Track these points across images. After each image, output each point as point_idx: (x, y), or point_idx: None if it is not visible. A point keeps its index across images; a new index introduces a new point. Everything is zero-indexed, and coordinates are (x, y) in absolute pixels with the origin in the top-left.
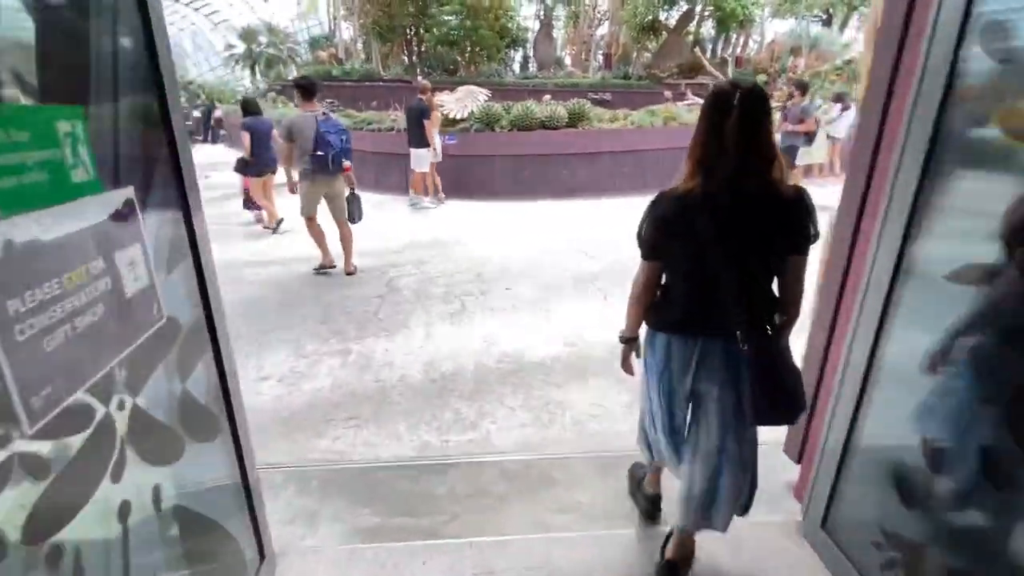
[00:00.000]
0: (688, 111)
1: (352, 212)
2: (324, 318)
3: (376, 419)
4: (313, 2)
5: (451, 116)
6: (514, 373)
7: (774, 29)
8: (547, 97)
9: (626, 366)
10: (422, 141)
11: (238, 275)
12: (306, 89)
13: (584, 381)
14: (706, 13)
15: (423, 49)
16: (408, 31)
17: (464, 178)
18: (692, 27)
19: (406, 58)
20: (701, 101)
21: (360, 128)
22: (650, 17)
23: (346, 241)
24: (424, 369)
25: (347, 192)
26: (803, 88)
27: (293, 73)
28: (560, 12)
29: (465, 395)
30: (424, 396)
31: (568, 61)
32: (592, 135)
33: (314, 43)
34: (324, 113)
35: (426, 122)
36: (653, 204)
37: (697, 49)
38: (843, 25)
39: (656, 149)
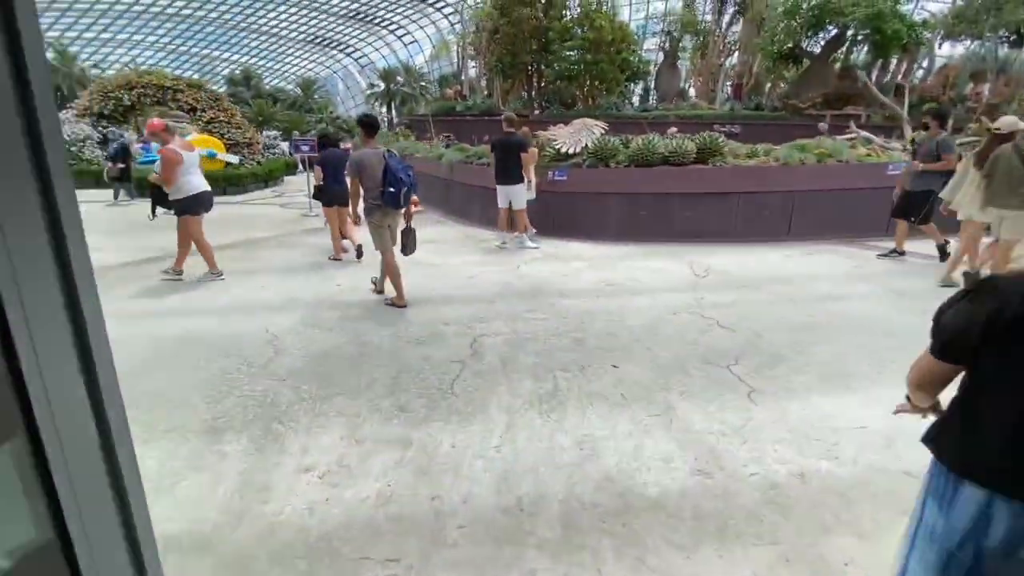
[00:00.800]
0: (850, 146)
1: (406, 245)
2: (393, 386)
3: (422, 569)
4: (446, 45)
5: (562, 150)
6: (618, 516)
7: (943, 52)
8: (672, 130)
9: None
10: (518, 177)
11: (315, 318)
12: (369, 126)
13: (725, 545)
14: (859, 37)
15: (543, 84)
16: (530, 68)
17: (573, 217)
18: (840, 53)
19: (525, 93)
20: (868, 135)
21: (470, 161)
22: (790, 44)
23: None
24: (497, 487)
25: (403, 225)
26: (941, 118)
27: (422, 109)
28: (687, 42)
29: (547, 546)
30: (491, 537)
31: (692, 92)
32: (725, 172)
33: (443, 81)
34: (388, 151)
35: (523, 155)
36: (984, 291)
37: (863, 74)
38: None
39: (807, 191)
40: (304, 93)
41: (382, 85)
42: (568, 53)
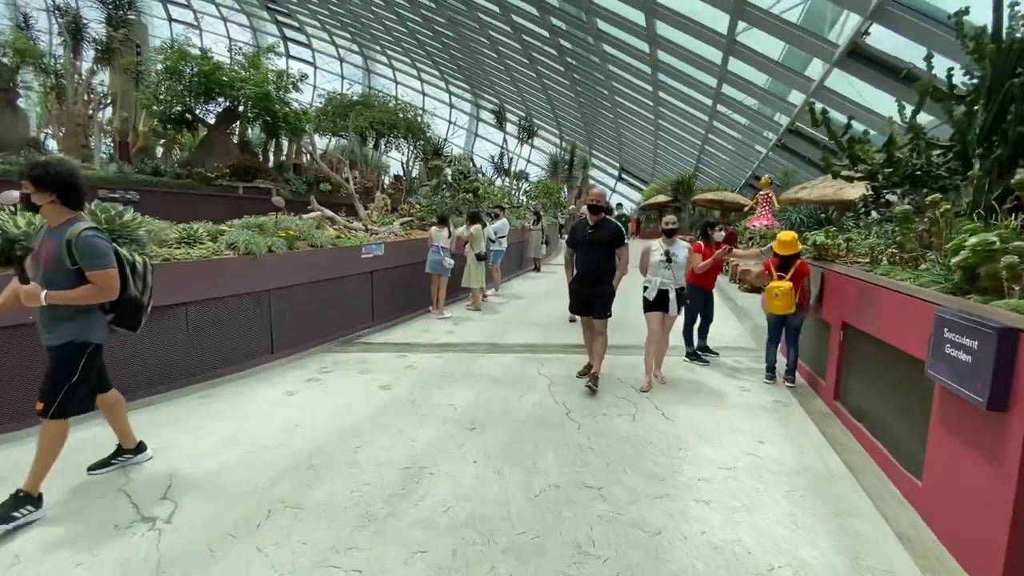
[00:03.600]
0: (316, 226)
1: None
2: None
3: None
4: None
5: None
6: None
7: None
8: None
9: None
10: None
11: None
12: None
13: None
14: (250, 115)
15: None
16: None
17: None
18: (236, 126)
19: None
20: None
21: None
22: (179, 107)
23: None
24: None
25: None
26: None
27: None
28: (29, 77)
29: None
30: None
31: (53, 145)
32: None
33: None
34: None
35: None
36: None
37: (260, 151)
38: (377, 144)
39: (284, 287)
40: None
41: None
42: None
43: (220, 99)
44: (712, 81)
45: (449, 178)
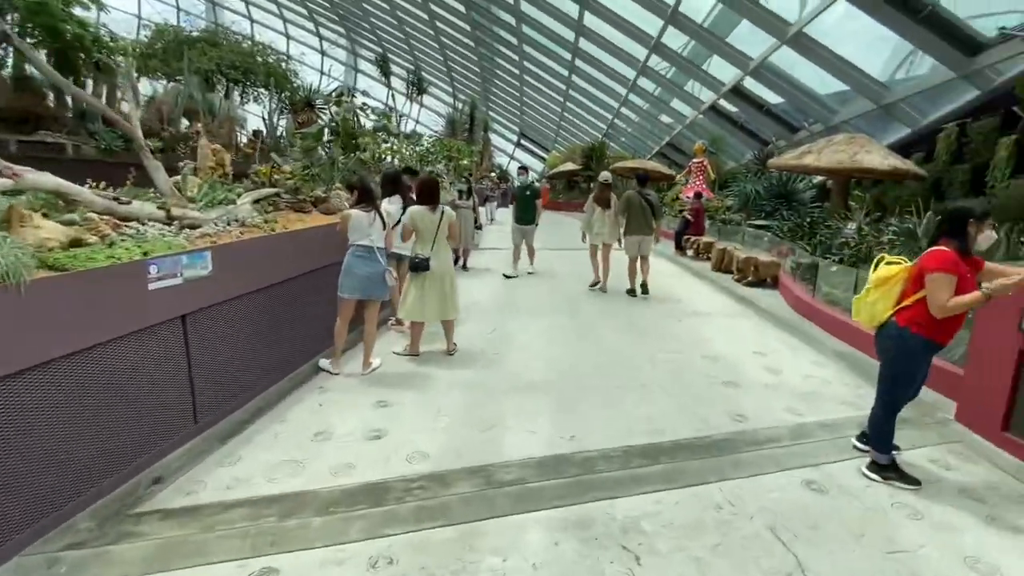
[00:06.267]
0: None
1: None
2: None
3: None
4: None
5: None
6: None
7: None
8: None
9: None
10: None
11: None
12: None
13: None
14: (30, 40)
15: None
16: None
17: None
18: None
19: None
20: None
21: None
22: None
23: None
24: None
25: None
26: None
27: None
28: None
29: None
30: None
31: None
32: None
33: None
34: None
35: None
36: None
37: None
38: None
39: None
40: None
41: None
42: None
43: None
44: (641, 52)
45: (338, 121)
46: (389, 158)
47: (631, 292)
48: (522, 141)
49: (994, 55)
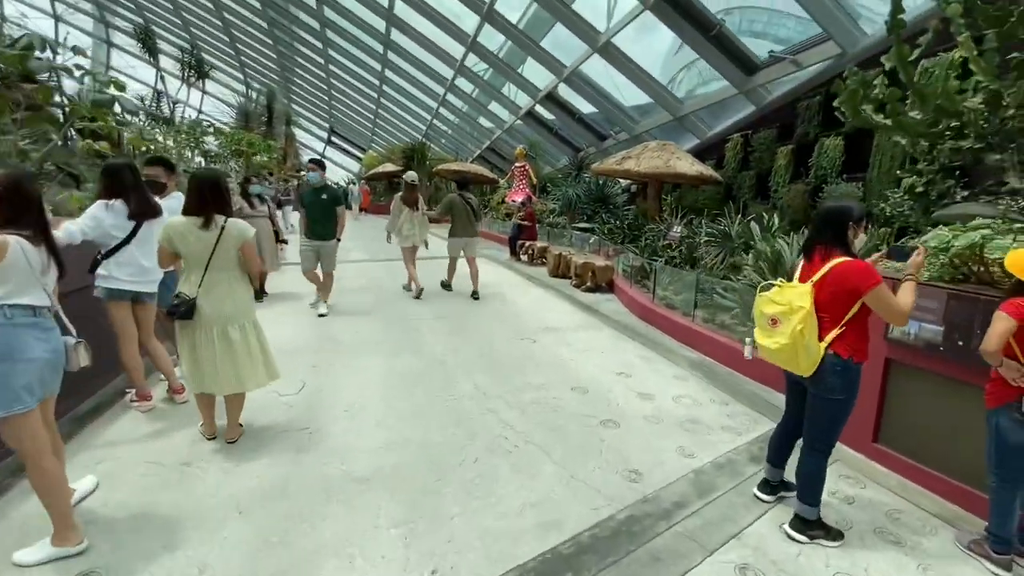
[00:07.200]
0: None
1: None
2: None
3: None
4: None
5: None
6: None
7: None
8: None
9: None
10: None
11: None
12: None
13: None
14: None
15: None
16: None
17: None
18: None
19: None
20: None
21: None
22: None
23: None
24: None
25: None
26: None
27: None
28: None
29: None
30: None
31: None
32: None
33: None
34: None
35: None
36: None
37: None
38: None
39: None
40: None
41: None
42: None
43: None
44: (458, 50)
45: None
46: (147, 148)
47: (446, 286)
48: (333, 139)
49: (762, 76)
